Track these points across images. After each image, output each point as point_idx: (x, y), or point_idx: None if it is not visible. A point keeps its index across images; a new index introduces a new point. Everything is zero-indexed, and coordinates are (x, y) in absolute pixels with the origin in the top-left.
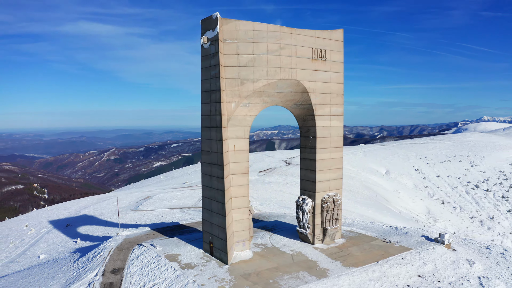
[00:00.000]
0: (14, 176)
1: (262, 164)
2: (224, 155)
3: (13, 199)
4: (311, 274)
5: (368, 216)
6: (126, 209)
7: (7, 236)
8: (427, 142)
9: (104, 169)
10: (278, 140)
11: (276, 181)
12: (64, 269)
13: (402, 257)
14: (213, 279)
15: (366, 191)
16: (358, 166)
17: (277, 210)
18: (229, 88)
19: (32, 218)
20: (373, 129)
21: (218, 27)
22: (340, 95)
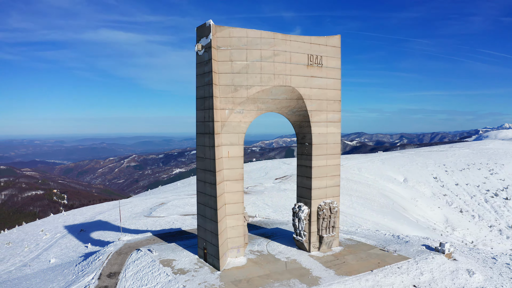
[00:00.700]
0: (34, 181)
1: (278, 172)
2: (217, 161)
3: (32, 204)
4: (302, 282)
5: (383, 224)
6: (139, 215)
7: (23, 240)
8: (446, 149)
9: (124, 176)
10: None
11: (292, 188)
12: (65, 273)
13: (399, 266)
14: (203, 284)
15: (383, 199)
16: (375, 174)
17: (289, 217)
18: (223, 95)
19: (48, 223)
20: (393, 136)
21: (211, 34)
22: (337, 101)
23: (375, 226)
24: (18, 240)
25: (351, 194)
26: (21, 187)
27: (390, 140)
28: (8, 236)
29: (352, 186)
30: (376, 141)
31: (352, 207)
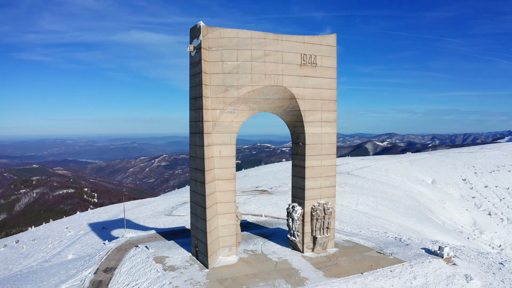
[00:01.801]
0: (66, 180)
1: None
2: (206, 160)
3: (63, 202)
4: (287, 283)
5: (407, 226)
6: (160, 214)
7: (48, 237)
8: (476, 151)
9: (154, 175)
10: None
11: None
12: (69, 267)
13: (391, 270)
14: (188, 281)
15: (409, 201)
16: (403, 175)
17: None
18: (214, 95)
19: (74, 220)
20: (425, 137)
21: (202, 35)
22: (332, 101)
23: (398, 228)
24: (43, 237)
25: (376, 195)
26: (52, 185)
27: (421, 141)
28: (34, 233)
29: (378, 187)
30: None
31: (376, 208)
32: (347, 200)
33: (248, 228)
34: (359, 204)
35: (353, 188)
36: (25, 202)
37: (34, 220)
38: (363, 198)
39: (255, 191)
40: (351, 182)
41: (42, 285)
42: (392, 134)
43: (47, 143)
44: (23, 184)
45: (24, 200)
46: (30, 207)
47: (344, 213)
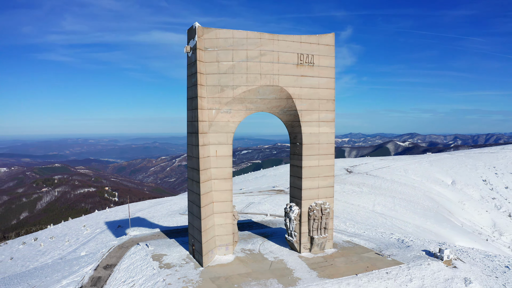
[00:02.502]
0: (87, 179)
1: None
2: (201, 160)
3: (84, 201)
4: (279, 282)
5: (425, 228)
6: (175, 213)
7: (65, 235)
8: (497, 151)
9: (175, 174)
10: (349, 148)
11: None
12: (74, 263)
13: (387, 272)
14: (181, 279)
15: (427, 202)
16: (422, 176)
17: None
18: (210, 95)
19: (91, 219)
20: (447, 137)
21: (197, 36)
22: (330, 100)
23: (415, 230)
24: (61, 235)
25: (394, 196)
26: (74, 184)
27: (443, 141)
28: (53, 231)
29: (396, 188)
30: (429, 142)
31: (394, 209)
32: (364, 201)
33: (251, 228)
34: (376, 204)
35: (371, 189)
36: (47, 201)
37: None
38: (380, 199)
39: (271, 191)
40: (369, 182)
41: (46, 280)
42: (414, 134)
43: (69, 142)
44: (45, 183)
45: (46, 198)
46: (51, 206)
47: (360, 214)
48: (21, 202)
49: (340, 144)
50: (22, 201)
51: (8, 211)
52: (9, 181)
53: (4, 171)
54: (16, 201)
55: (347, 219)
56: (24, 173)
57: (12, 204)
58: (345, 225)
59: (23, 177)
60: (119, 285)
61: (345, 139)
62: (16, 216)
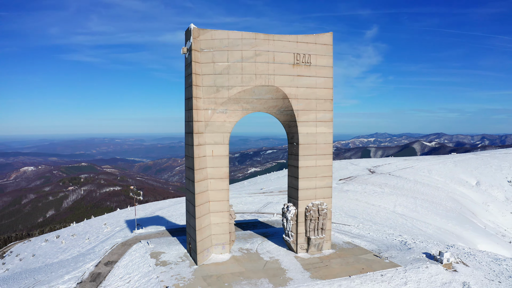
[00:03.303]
0: (113, 178)
1: (344, 172)
2: (196, 159)
3: (110, 199)
4: (270, 282)
5: (446, 229)
6: None
7: (86, 233)
8: None
9: None
10: (374, 148)
11: (355, 189)
12: (80, 260)
13: (382, 274)
14: (174, 277)
15: (450, 203)
16: (446, 177)
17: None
18: (206, 95)
19: (112, 217)
20: (474, 137)
21: (192, 37)
22: (328, 100)
23: (436, 231)
24: (82, 233)
25: (416, 197)
26: (100, 183)
27: (470, 141)
28: (75, 229)
29: (419, 188)
30: (456, 142)
31: (415, 210)
32: (385, 201)
33: (256, 227)
34: (397, 205)
35: (393, 189)
36: (73, 199)
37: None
38: (402, 200)
39: None
40: (391, 183)
41: (51, 275)
42: (441, 134)
43: (96, 142)
44: (71, 182)
45: (72, 197)
46: (77, 204)
47: (380, 215)
48: (48, 201)
49: (366, 144)
50: (48, 200)
51: (35, 209)
52: (36, 179)
53: (32, 170)
54: (43, 199)
55: (366, 220)
56: (51, 172)
57: (38, 202)
58: (357, 227)
59: (50, 176)
60: (117, 281)
61: (370, 139)
62: (43, 214)
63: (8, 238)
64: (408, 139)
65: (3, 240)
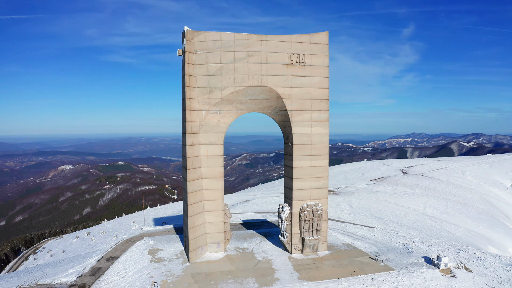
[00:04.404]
0: (149, 177)
1: (375, 173)
2: (189, 159)
3: (144, 198)
4: (256, 282)
5: (476, 232)
6: None
7: (115, 230)
8: None
9: (235, 173)
10: (411, 148)
11: (385, 190)
12: (90, 255)
13: (373, 277)
14: (165, 273)
15: (482, 205)
16: (480, 178)
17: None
18: (200, 96)
19: (142, 215)
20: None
21: (186, 39)
22: (324, 100)
23: (466, 234)
24: (112, 230)
25: (448, 198)
26: (135, 182)
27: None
28: (105, 226)
29: (451, 190)
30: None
31: (445, 212)
32: (415, 203)
33: (261, 227)
34: (428, 207)
35: (424, 191)
36: (109, 197)
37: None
38: (432, 201)
39: None
40: (423, 184)
41: (58, 269)
42: (479, 134)
43: (133, 141)
44: (107, 180)
45: (108, 195)
46: (113, 202)
47: (408, 216)
48: (84, 199)
49: (403, 144)
50: (85, 198)
51: (72, 206)
52: (74, 178)
53: (69, 168)
54: (80, 197)
55: (392, 222)
56: (88, 170)
57: (75, 200)
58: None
59: (87, 174)
60: (114, 275)
61: (407, 139)
62: (79, 212)
63: (42, 234)
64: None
65: (37, 236)
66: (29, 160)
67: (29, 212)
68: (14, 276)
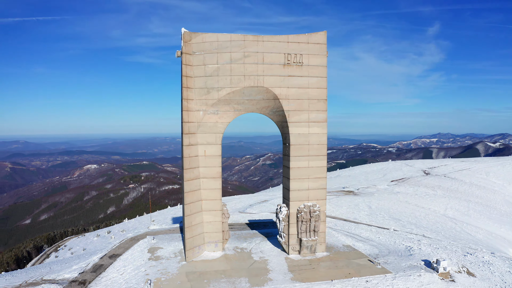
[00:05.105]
0: (173, 176)
1: (398, 174)
2: (185, 159)
3: (168, 197)
4: (248, 282)
5: (497, 234)
6: (235, 211)
7: (135, 228)
8: None
9: (259, 173)
10: (436, 149)
11: (406, 191)
12: (96, 253)
13: (367, 280)
14: (160, 271)
15: (505, 207)
16: (504, 179)
17: (384, 221)
18: (198, 97)
19: (162, 214)
20: None
21: (183, 41)
22: (322, 100)
23: (487, 236)
24: (132, 228)
25: (469, 200)
26: (159, 181)
27: None
28: (126, 225)
29: (474, 191)
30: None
31: (467, 214)
32: (436, 204)
33: (266, 227)
34: (449, 209)
35: (446, 192)
36: (133, 197)
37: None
38: (454, 203)
39: (340, 192)
40: (445, 185)
41: (64, 265)
42: (506, 135)
43: (158, 141)
44: (132, 180)
45: (132, 194)
46: (137, 201)
47: (428, 218)
48: (109, 198)
49: (428, 144)
50: (109, 197)
51: (96, 205)
52: (99, 177)
53: (95, 167)
54: (104, 196)
55: (410, 223)
56: (113, 170)
57: (100, 199)
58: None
59: (112, 174)
60: (113, 272)
61: (433, 140)
62: (104, 211)
63: (64, 232)
64: (472, 140)
65: (59, 234)
66: (55, 160)
67: (54, 211)
68: (22, 272)
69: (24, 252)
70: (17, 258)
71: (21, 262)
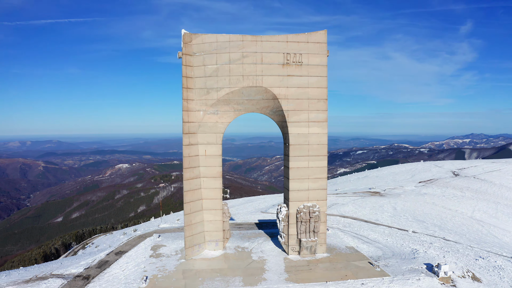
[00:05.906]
0: None
1: (426, 175)
2: (185, 159)
3: None
4: (242, 281)
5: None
6: (257, 211)
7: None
8: None
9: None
10: (469, 149)
11: (433, 193)
12: (104, 249)
13: (363, 283)
14: (158, 268)
15: None
16: None
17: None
18: (198, 97)
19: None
20: None
21: (183, 42)
22: (322, 100)
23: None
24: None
25: (498, 202)
26: None
27: None
28: (152, 224)
29: (503, 193)
30: None
31: (495, 216)
32: (463, 206)
33: (274, 227)
34: (476, 211)
35: (474, 193)
36: (163, 196)
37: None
38: (482, 205)
39: (366, 193)
40: (474, 186)
41: (74, 261)
42: None
43: None
44: (162, 179)
45: (162, 193)
46: (167, 201)
47: (455, 220)
48: (139, 196)
49: (461, 145)
50: (140, 196)
51: (127, 204)
52: (130, 176)
53: (126, 167)
54: (135, 195)
55: (434, 225)
56: (144, 169)
57: (131, 198)
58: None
59: (143, 173)
60: (116, 268)
61: (466, 140)
62: (134, 209)
63: (93, 230)
64: (505, 140)
65: (88, 232)
66: (87, 159)
67: (85, 209)
68: (35, 267)
69: (52, 249)
70: (45, 255)
71: (49, 259)
